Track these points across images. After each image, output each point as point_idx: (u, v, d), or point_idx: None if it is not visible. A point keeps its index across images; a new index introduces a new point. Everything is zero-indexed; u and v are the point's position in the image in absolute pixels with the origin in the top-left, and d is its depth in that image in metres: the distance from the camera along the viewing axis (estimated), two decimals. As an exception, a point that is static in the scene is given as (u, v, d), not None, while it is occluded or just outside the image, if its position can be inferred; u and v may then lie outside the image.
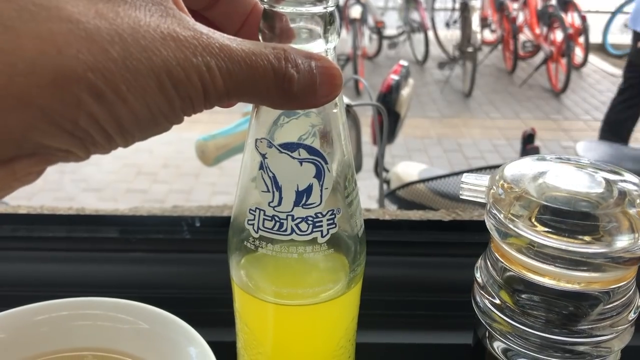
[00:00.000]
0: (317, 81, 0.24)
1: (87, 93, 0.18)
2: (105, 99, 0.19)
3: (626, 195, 0.28)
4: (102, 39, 0.18)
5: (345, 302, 0.33)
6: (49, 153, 0.19)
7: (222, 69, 0.21)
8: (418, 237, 0.51)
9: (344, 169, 0.30)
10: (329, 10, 0.26)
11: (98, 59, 0.18)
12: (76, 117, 0.18)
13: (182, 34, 0.20)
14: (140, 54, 0.19)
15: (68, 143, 0.19)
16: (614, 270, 0.27)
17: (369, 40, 4.79)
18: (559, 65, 4.18)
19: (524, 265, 0.29)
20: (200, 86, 0.20)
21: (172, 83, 0.20)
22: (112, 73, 0.18)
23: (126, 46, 0.19)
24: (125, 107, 0.19)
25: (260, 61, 0.22)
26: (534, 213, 0.28)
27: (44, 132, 0.18)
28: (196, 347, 0.36)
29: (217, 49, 0.21)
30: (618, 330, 0.29)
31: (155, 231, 0.51)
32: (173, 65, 0.20)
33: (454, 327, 0.48)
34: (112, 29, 0.19)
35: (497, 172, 0.31)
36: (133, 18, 0.20)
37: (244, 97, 0.23)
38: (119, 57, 0.19)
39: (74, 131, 0.19)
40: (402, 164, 1.74)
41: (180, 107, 0.21)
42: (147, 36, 0.19)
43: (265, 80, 0.22)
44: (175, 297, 0.45)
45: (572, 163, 0.31)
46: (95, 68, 0.18)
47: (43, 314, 0.39)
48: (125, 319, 0.39)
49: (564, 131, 3.60)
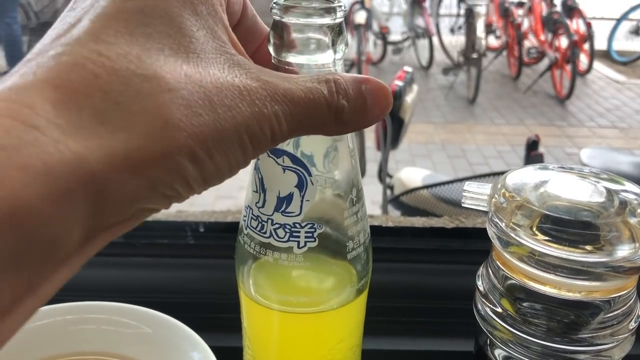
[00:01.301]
0: (368, 103, 0.24)
1: (186, 158, 0.19)
2: (199, 160, 0.20)
3: (627, 205, 0.28)
4: (195, 104, 0.19)
5: (344, 313, 0.33)
6: (142, 214, 0.20)
7: (287, 114, 0.22)
8: (421, 244, 0.51)
9: (347, 188, 0.30)
10: (337, 22, 0.26)
11: (194, 124, 0.19)
12: (174, 181, 0.19)
13: (253, 85, 0.21)
14: (225, 114, 0.20)
15: (160, 203, 0.20)
16: (615, 280, 0.27)
17: (374, 46, 4.79)
18: (564, 71, 4.17)
19: (525, 273, 0.29)
20: (270, 133, 0.21)
21: (249, 136, 0.21)
22: (205, 136, 0.19)
23: (214, 107, 0.20)
24: (212, 164, 0.20)
25: (316, 98, 0.23)
26: (535, 222, 0.28)
27: (148, 197, 0.19)
28: (199, 352, 0.37)
29: (281, 96, 0.22)
30: (619, 339, 0.29)
31: (159, 236, 0.51)
32: (250, 120, 0.21)
33: (455, 334, 0.48)
34: (202, 92, 0.20)
35: (499, 180, 0.31)
36: (213, 76, 0.21)
37: (301, 133, 0.24)
38: (210, 119, 0.20)
39: (168, 192, 0.20)
40: (405, 170, 1.74)
41: (252, 155, 0.22)
42: (229, 95, 0.20)
43: (321, 114, 0.23)
44: (178, 302, 0.45)
45: (574, 172, 0.31)
46: (194, 134, 0.19)
47: (47, 318, 0.39)
48: (129, 323, 0.40)
49: (569, 138, 3.60)
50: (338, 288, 0.32)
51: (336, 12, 0.26)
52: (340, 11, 0.26)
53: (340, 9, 0.26)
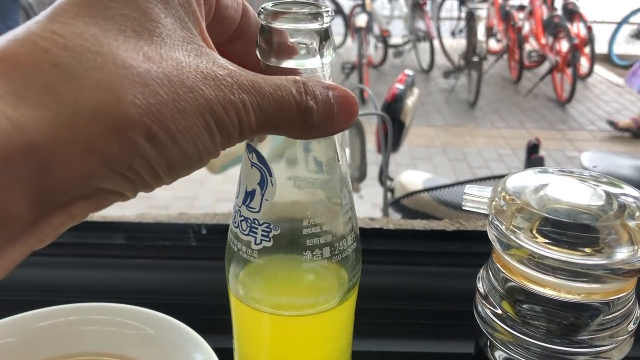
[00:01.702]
0: (335, 110, 0.25)
1: (142, 137, 0.19)
2: (158, 141, 0.19)
3: (626, 208, 0.28)
4: (152, 82, 0.19)
5: (330, 316, 0.33)
6: (103, 197, 0.20)
7: (254, 105, 0.22)
8: (421, 247, 0.51)
9: (332, 193, 0.31)
10: (324, 27, 0.27)
11: (151, 102, 0.19)
12: (131, 160, 0.19)
13: (219, 72, 0.21)
14: (186, 95, 0.20)
15: (121, 185, 0.20)
16: (614, 282, 0.28)
17: (375, 49, 4.80)
18: (565, 75, 4.18)
19: (525, 276, 0.29)
20: (237, 122, 0.21)
21: (215, 120, 0.21)
22: (163, 115, 0.19)
23: (174, 87, 0.20)
24: (175, 147, 0.20)
25: (285, 95, 0.23)
26: (535, 225, 0.28)
27: (103, 177, 0.19)
28: (202, 353, 0.37)
29: (249, 87, 0.22)
30: (618, 341, 0.29)
31: (162, 238, 0.51)
32: (215, 103, 0.21)
33: (455, 336, 0.48)
34: (159, 71, 0.20)
35: (500, 184, 0.31)
36: (175, 59, 0.20)
37: (270, 130, 0.24)
38: (168, 99, 0.19)
39: (128, 173, 0.19)
40: (406, 173, 1.74)
41: (220, 142, 0.22)
42: (191, 77, 0.20)
43: (289, 113, 0.23)
44: (181, 303, 0.46)
45: (573, 176, 0.31)
46: (150, 112, 0.19)
47: (51, 319, 0.40)
48: (132, 324, 0.40)
49: (569, 141, 3.60)
50: (306, 291, 0.32)
51: (323, 18, 0.26)
52: (327, 16, 0.26)
53: (328, 15, 0.26)
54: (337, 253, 0.31)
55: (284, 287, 0.32)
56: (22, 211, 0.18)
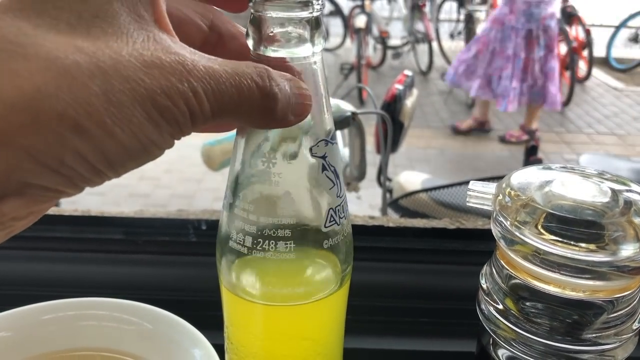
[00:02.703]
0: (293, 101, 0.24)
1: (70, 130, 0.18)
2: (90, 135, 0.18)
3: (632, 205, 0.28)
4: (81, 74, 0.18)
5: (331, 304, 0.33)
6: (37, 193, 0.19)
7: (208, 91, 0.21)
8: (422, 245, 0.51)
9: (317, 182, 0.31)
10: (314, 15, 0.27)
11: (78, 95, 0.18)
12: (61, 155, 0.18)
13: (166, 59, 0.20)
14: (122, 86, 0.19)
15: (55, 182, 0.19)
16: (619, 279, 0.27)
17: (373, 50, 4.81)
18: (563, 78, 4.18)
19: (529, 272, 0.29)
20: (187, 110, 0.20)
21: (159, 111, 0.19)
22: (94, 108, 0.18)
23: (107, 79, 0.18)
24: (112, 141, 0.19)
25: (244, 81, 0.22)
26: (539, 221, 0.28)
27: (29, 171, 0.18)
28: (201, 349, 0.37)
29: (202, 72, 0.21)
30: (622, 339, 0.29)
31: (161, 233, 0.51)
32: (158, 94, 0.19)
33: (457, 334, 0.48)
34: (91, 62, 0.18)
35: (504, 180, 0.31)
36: (114, 49, 0.19)
37: (227, 118, 0.23)
38: (100, 91, 0.18)
39: (60, 169, 0.19)
40: (405, 173, 1.74)
41: (169, 133, 0.20)
42: (129, 66, 0.19)
43: (250, 99, 0.22)
44: (180, 299, 0.45)
45: (578, 172, 0.31)
46: (76, 104, 0.18)
47: (49, 314, 0.39)
48: (130, 319, 0.40)
49: (567, 144, 3.61)
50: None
51: (314, 6, 0.26)
52: (317, 4, 0.27)
53: (317, 3, 0.27)
54: (329, 244, 0.31)
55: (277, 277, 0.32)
56: None
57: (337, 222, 0.31)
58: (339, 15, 5.14)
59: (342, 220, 0.31)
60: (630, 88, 4.70)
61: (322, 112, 0.29)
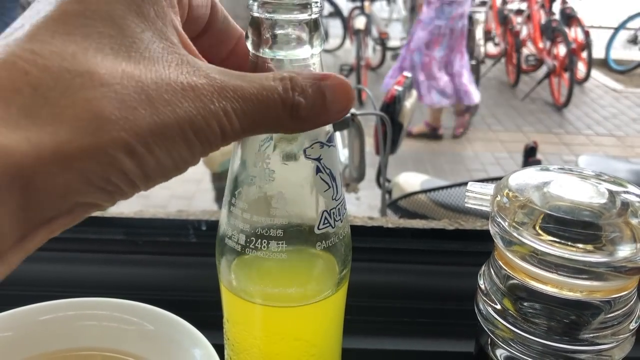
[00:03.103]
0: (328, 99, 0.25)
1: (121, 152, 0.19)
2: (136, 155, 0.20)
3: (629, 206, 0.28)
4: (130, 98, 0.19)
5: (329, 305, 0.33)
6: (82, 209, 0.20)
7: (237, 110, 0.22)
8: (421, 245, 0.51)
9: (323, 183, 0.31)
10: (313, 18, 0.27)
11: (129, 118, 0.19)
12: (109, 174, 0.19)
13: (199, 82, 0.21)
14: (165, 108, 0.20)
15: (99, 197, 0.20)
16: (616, 280, 0.28)
17: (373, 51, 4.81)
18: (562, 79, 4.19)
19: (527, 273, 0.29)
20: (219, 130, 0.21)
21: (194, 132, 0.21)
22: (142, 129, 0.19)
23: (152, 102, 0.20)
24: (152, 159, 0.20)
25: (270, 95, 0.23)
26: (537, 221, 0.28)
27: (82, 192, 0.19)
28: (201, 349, 0.37)
29: (231, 92, 0.22)
30: (619, 340, 0.29)
31: (161, 234, 0.51)
32: (194, 115, 0.21)
33: (455, 335, 0.48)
34: (138, 87, 0.20)
35: (502, 181, 0.31)
36: (154, 72, 0.21)
37: (257, 131, 0.24)
38: (146, 113, 0.20)
39: (106, 187, 0.20)
40: (404, 175, 1.74)
41: (200, 152, 0.22)
42: (170, 90, 0.20)
43: (275, 112, 0.23)
44: (181, 299, 0.45)
45: (576, 174, 0.31)
46: (128, 127, 0.19)
47: (49, 314, 0.40)
48: (131, 319, 0.40)
49: (566, 145, 3.61)
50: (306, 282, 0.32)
51: (312, 8, 0.27)
52: (315, 7, 0.27)
53: (316, 5, 0.27)
54: (323, 246, 0.31)
55: (275, 278, 0.32)
56: (7, 231, 0.18)
57: (331, 224, 0.31)
58: (339, 17, 5.15)
59: (338, 223, 0.31)
60: (629, 89, 4.71)
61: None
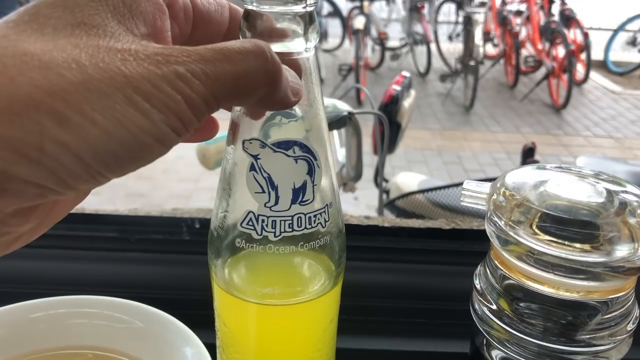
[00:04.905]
0: (290, 80, 0.24)
1: (47, 118, 0.18)
2: (70, 122, 0.18)
3: (627, 206, 0.28)
4: (57, 66, 0.18)
5: (323, 304, 0.33)
6: (20, 189, 0.19)
7: (196, 72, 0.20)
8: (417, 245, 0.51)
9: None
10: (308, 10, 0.27)
11: (54, 83, 0.18)
12: (40, 143, 0.18)
13: (144, 52, 0.20)
14: (100, 75, 0.19)
15: (38, 175, 0.18)
16: (614, 280, 0.27)
17: (372, 51, 4.80)
18: (561, 80, 4.19)
19: (523, 272, 0.29)
20: (179, 95, 0.20)
21: (143, 96, 0.19)
22: (72, 95, 0.18)
23: (84, 70, 0.19)
24: (94, 128, 0.18)
25: (248, 58, 0.21)
26: (534, 220, 0.28)
27: (8, 160, 0.18)
28: (192, 348, 0.36)
29: (184, 57, 0.20)
30: (616, 341, 0.29)
31: (154, 232, 0.51)
32: (137, 80, 0.19)
33: (451, 335, 0.48)
34: (69, 57, 0.19)
35: (499, 179, 0.31)
36: (93, 46, 0.20)
37: (233, 100, 0.22)
38: (76, 80, 0.18)
39: (42, 159, 0.18)
40: (401, 174, 1.74)
41: (164, 122, 0.20)
42: (106, 59, 0.19)
43: (256, 76, 0.22)
44: (173, 298, 0.45)
45: (573, 173, 0.31)
46: (53, 92, 0.18)
47: (40, 311, 0.39)
48: (121, 318, 0.39)
49: (564, 146, 3.61)
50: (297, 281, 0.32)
51: (307, 1, 0.26)
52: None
53: None
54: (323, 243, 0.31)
55: (271, 277, 0.32)
56: None
57: (256, 230, 0.29)
58: (338, 17, 5.14)
59: (270, 234, 0.29)
60: (628, 91, 4.71)
61: (314, 108, 0.29)
